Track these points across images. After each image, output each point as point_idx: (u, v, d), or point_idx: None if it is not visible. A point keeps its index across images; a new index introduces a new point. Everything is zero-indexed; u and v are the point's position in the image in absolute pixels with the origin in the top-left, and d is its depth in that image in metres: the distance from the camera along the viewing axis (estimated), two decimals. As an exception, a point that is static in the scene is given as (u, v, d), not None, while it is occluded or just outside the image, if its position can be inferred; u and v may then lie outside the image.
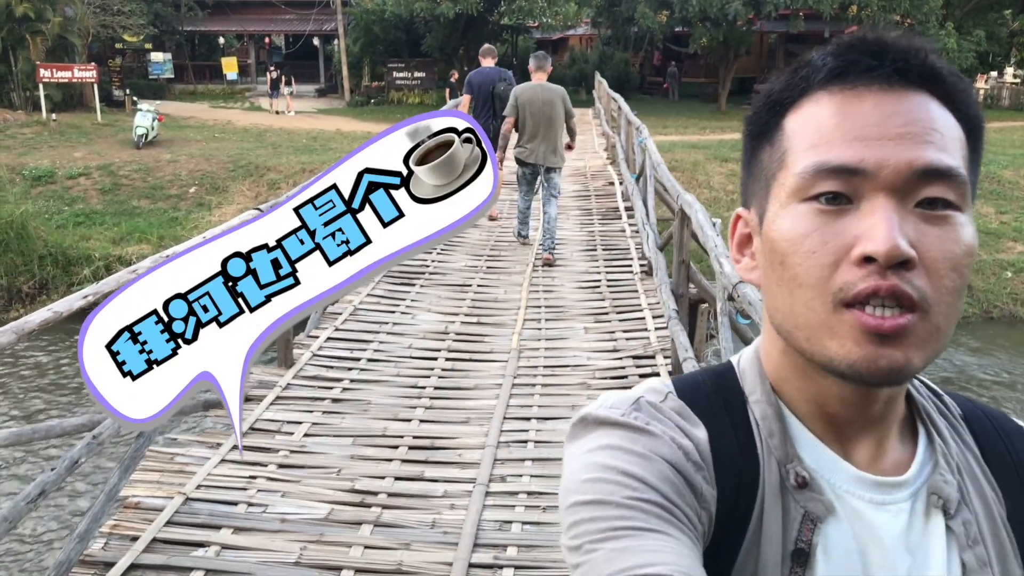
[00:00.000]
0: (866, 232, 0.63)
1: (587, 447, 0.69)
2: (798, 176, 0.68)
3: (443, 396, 4.88)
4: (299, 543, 3.34)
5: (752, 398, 0.76)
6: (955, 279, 0.65)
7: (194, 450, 4.06)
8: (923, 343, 0.64)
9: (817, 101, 0.69)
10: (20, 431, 3.10)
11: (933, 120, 0.67)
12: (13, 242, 12.35)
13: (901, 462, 0.74)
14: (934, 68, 0.68)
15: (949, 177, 0.65)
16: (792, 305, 0.68)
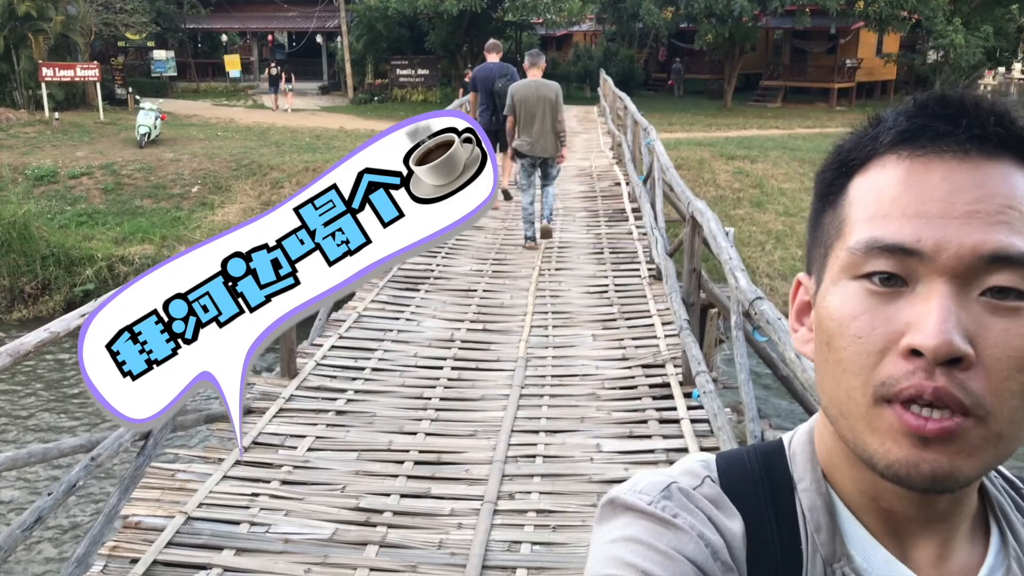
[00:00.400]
0: (916, 321, 0.56)
1: (611, 536, 0.65)
2: (850, 251, 0.61)
3: (449, 407, 4.80)
4: (303, 565, 3.26)
5: (801, 486, 0.68)
6: (1023, 380, 0.56)
7: (195, 466, 3.98)
8: (977, 450, 0.57)
9: (884, 166, 0.62)
10: (16, 455, 3.01)
11: (1012, 195, 0.58)
12: (15, 242, 12.30)
13: (969, 566, 0.66)
14: (1021, 132, 0.60)
15: (1022, 264, 0.57)
16: (836, 391, 0.62)
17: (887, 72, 29.10)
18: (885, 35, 26.85)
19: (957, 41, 23.69)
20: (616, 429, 4.45)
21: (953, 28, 23.78)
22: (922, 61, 26.61)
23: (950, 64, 25.06)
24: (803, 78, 29.16)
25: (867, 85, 29.26)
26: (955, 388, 0.55)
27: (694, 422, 4.35)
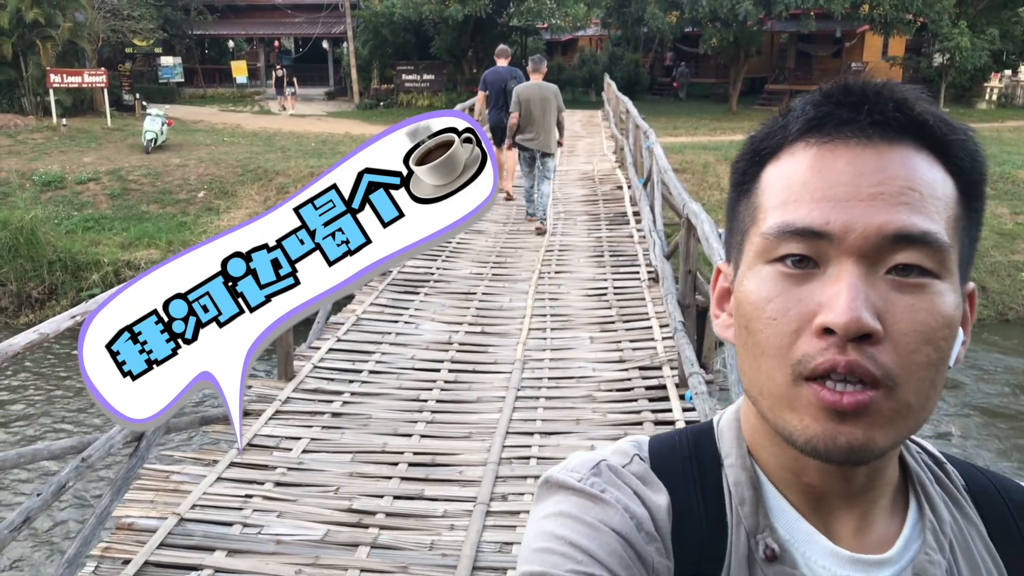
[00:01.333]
0: (828, 301, 0.59)
1: (544, 513, 0.67)
2: (764, 236, 0.63)
3: (445, 410, 4.81)
4: (294, 566, 3.27)
5: (727, 462, 0.71)
6: (929, 353, 0.59)
7: (190, 468, 4.00)
8: (888, 421, 0.59)
9: (793, 153, 0.64)
10: (5, 456, 3.03)
11: (912, 177, 0.61)
12: (23, 247, 12.38)
13: (887, 537, 0.68)
14: (920, 118, 0.62)
15: (924, 243, 0.59)
16: (756, 372, 0.64)
17: (893, 75, 29.00)
18: (890, 38, 26.76)
19: (963, 44, 23.60)
20: (611, 431, 4.45)
21: (959, 31, 23.69)
22: (928, 64, 26.50)
23: (956, 67, 24.96)
24: (808, 81, 29.09)
25: (873, 88, 29.23)
26: (866, 361, 0.58)
27: (688, 424, 4.34)
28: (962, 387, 9.68)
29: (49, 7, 20.92)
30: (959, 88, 27.20)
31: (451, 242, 8.59)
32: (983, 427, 8.73)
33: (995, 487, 0.75)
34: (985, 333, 11.51)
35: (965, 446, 8.09)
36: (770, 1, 23.45)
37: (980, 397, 9.48)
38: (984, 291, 12.69)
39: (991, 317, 12.19)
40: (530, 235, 8.86)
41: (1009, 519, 0.73)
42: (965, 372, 10.07)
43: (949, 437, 8.29)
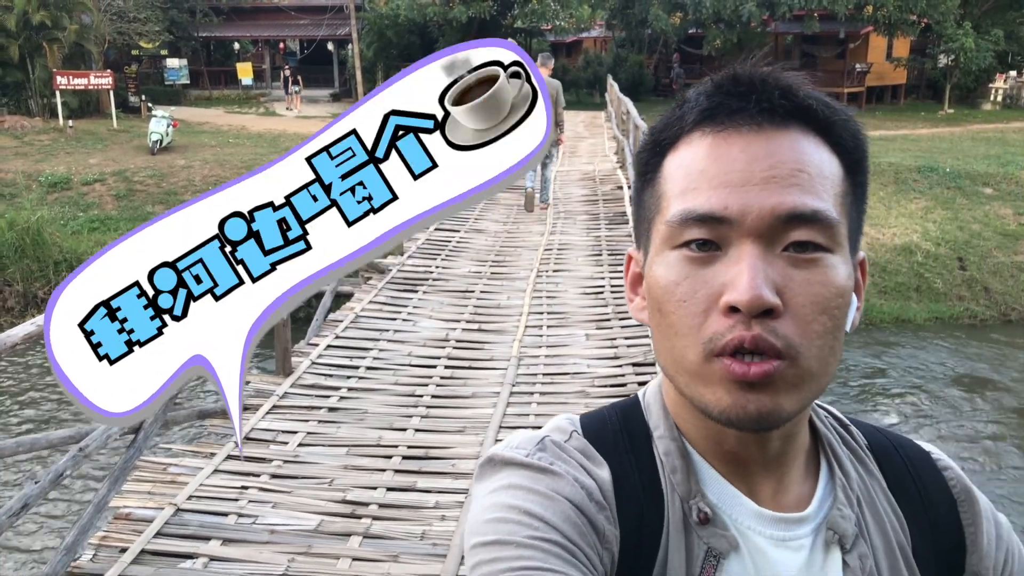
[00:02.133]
0: (731, 281, 0.63)
1: (491, 487, 0.69)
2: (668, 224, 0.67)
3: (440, 405, 4.88)
4: (287, 555, 3.35)
5: (656, 433, 0.75)
6: (825, 322, 0.64)
7: (187, 460, 4.08)
8: (793, 388, 0.64)
9: (691, 143, 0.68)
10: (4, 444, 3.11)
11: (801, 160, 0.65)
12: (29, 248, 12.46)
13: (803, 496, 0.74)
14: (804, 103, 0.66)
15: (815, 220, 0.64)
16: (671, 352, 0.68)
17: (897, 76, 28.99)
18: (895, 39, 26.74)
19: (967, 45, 23.58)
20: (603, 426, 4.50)
21: (963, 32, 23.67)
22: (933, 65, 26.48)
23: (960, 68, 24.95)
24: (813, 83, 29.00)
25: (877, 89, 29.15)
26: (769, 335, 0.62)
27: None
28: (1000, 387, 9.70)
29: (56, 9, 21.06)
30: (964, 89, 27.17)
31: (451, 240, 8.67)
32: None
33: (893, 444, 0.81)
34: (994, 335, 11.55)
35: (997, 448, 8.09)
36: (773, 2, 23.47)
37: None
38: (987, 292, 12.70)
39: (994, 318, 12.20)
40: (530, 234, 8.94)
41: (905, 472, 0.79)
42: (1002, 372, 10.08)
43: (979, 440, 8.27)
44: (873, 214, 13.90)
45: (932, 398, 9.34)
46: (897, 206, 14.33)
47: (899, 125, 23.06)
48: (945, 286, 12.60)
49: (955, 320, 12.00)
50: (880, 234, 13.44)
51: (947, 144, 19.02)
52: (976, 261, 13.05)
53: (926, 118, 24.90)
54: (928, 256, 13.02)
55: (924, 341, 11.23)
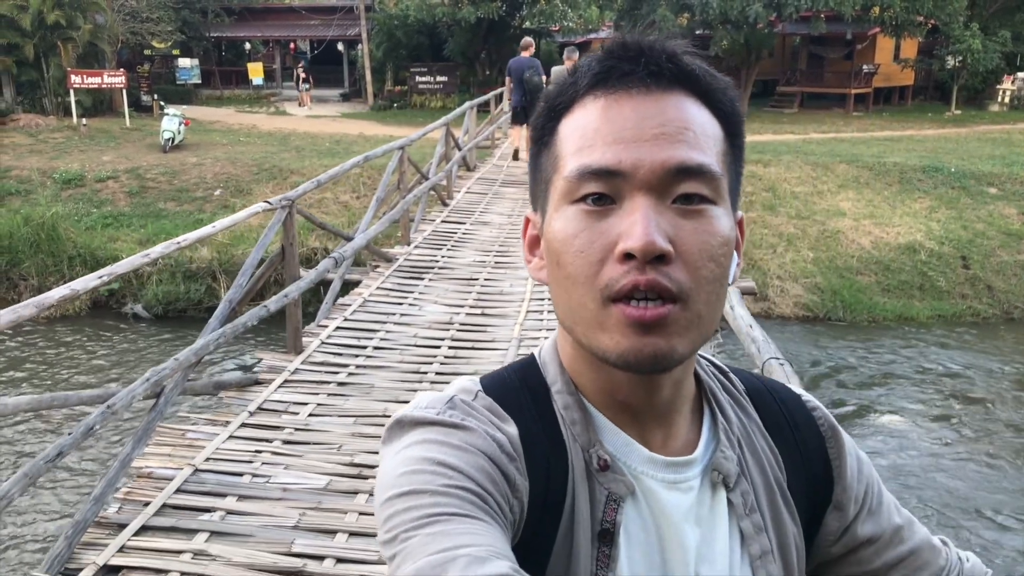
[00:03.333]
0: (626, 230, 0.67)
1: (402, 446, 0.71)
2: (566, 179, 0.71)
3: (443, 381, 5.09)
4: (299, 510, 3.57)
5: (554, 388, 0.79)
6: (713, 268, 0.69)
7: (204, 427, 4.31)
8: (685, 330, 0.69)
9: (584, 106, 0.73)
10: (40, 398, 3.35)
11: (687, 119, 0.70)
12: (44, 243, 12.65)
13: (690, 441, 0.79)
14: (687, 68, 0.72)
15: (701, 173, 0.69)
16: (569, 302, 0.72)
17: (905, 77, 29.06)
18: (902, 40, 26.83)
19: (975, 46, 23.66)
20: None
21: (971, 33, 23.75)
22: (940, 67, 26.55)
23: (968, 69, 25.02)
24: (820, 84, 29.15)
25: (884, 90, 29.23)
26: (662, 278, 0.67)
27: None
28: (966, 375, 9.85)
29: (70, 9, 21.34)
30: (971, 90, 27.23)
31: (456, 232, 8.91)
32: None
33: (767, 388, 0.88)
34: (1002, 330, 11.66)
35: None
36: (780, 3, 23.60)
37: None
38: (990, 290, 12.78)
39: (996, 316, 12.29)
40: (534, 227, 9.14)
41: (779, 413, 0.86)
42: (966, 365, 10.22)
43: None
44: (877, 213, 14.03)
45: (937, 393, 9.49)
46: (901, 205, 14.43)
47: (905, 126, 23.14)
48: (948, 284, 12.67)
49: (958, 318, 12.08)
50: (884, 233, 13.55)
51: (953, 145, 19.11)
52: (980, 260, 13.13)
53: (933, 119, 24.98)
54: (932, 255, 13.11)
55: (926, 338, 11.35)
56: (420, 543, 0.61)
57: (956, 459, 7.70)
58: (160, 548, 3.30)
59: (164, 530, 3.42)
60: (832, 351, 10.69)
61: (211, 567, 3.18)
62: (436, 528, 0.62)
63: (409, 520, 0.63)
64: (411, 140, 9.44)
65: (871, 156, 16.62)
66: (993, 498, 7.01)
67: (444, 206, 10.45)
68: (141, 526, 3.39)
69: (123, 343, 10.82)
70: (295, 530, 3.44)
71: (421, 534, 0.62)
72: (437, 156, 10.50)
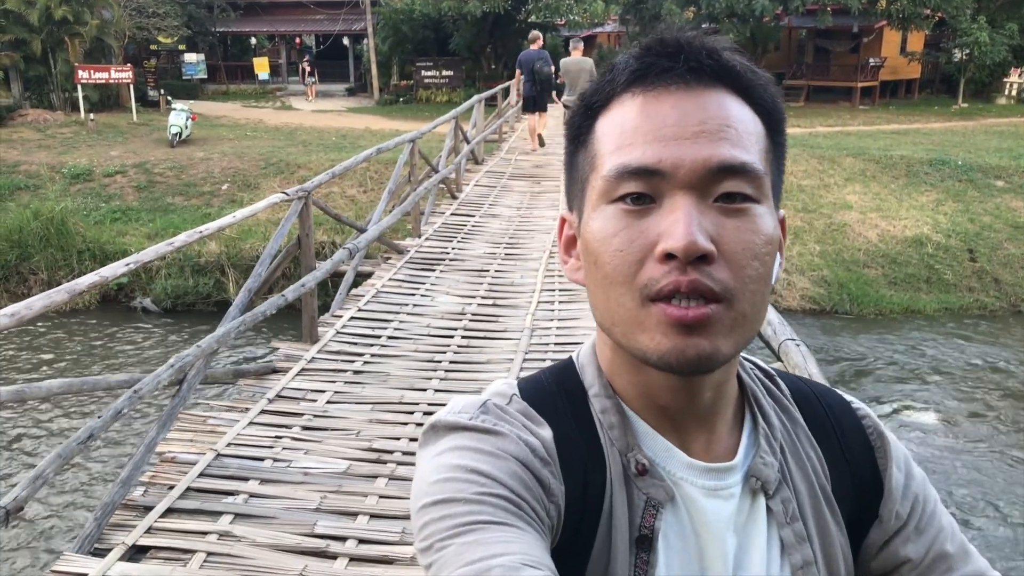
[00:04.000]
0: (667, 230, 0.66)
1: (436, 452, 0.71)
2: (604, 179, 0.70)
3: (457, 370, 5.17)
4: (320, 493, 3.65)
5: (592, 392, 0.78)
6: (757, 267, 0.68)
7: (225, 414, 4.39)
8: (729, 331, 0.67)
9: (622, 103, 0.71)
10: (71, 381, 3.43)
11: (728, 116, 0.69)
12: (53, 237, 12.72)
13: (731, 446, 0.78)
14: (728, 65, 0.70)
15: (744, 172, 0.68)
16: (607, 302, 0.71)
17: (911, 71, 29.02)
18: (909, 34, 26.78)
19: (982, 39, 23.63)
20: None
21: (978, 26, 23.71)
22: (947, 60, 26.52)
23: (975, 63, 24.98)
24: (826, 77, 29.10)
25: (891, 84, 29.19)
26: (705, 279, 0.65)
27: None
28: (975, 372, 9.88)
29: (77, 4, 21.39)
30: (978, 84, 27.16)
31: (466, 224, 8.97)
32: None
33: (814, 393, 0.86)
34: (1011, 322, 11.69)
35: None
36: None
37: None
38: (997, 283, 12.79)
39: (1003, 309, 12.31)
40: (543, 219, 9.22)
41: (825, 418, 0.84)
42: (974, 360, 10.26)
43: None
44: (884, 206, 14.05)
45: (947, 383, 9.53)
46: (908, 198, 14.44)
47: (912, 119, 23.13)
48: (955, 277, 12.69)
49: (964, 311, 12.10)
50: (891, 226, 13.57)
51: (960, 138, 19.10)
52: (986, 253, 13.13)
53: (940, 112, 24.96)
54: (938, 248, 13.12)
55: (933, 330, 11.37)
56: (455, 553, 0.62)
57: (974, 452, 7.72)
58: (186, 529, 3.37)
59: (189, 512, 3.49)
60: (840, 342, 10.73)
61: (236, 547, 3.25)
62: (470, 537, 0.62)
63: (444, 529, 0.64)
64: (422, 133, 9.50)
65: (878, 149, 16.63)
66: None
67: (453, 199, 10.52)
68: (167, 508, 3.47)
69: (133, 336, 10.91)
70: (317, 512, 3.51)
71: (456, 543, 0.62)
72: (446, 149, 10.56)
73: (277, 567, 3.13)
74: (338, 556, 3.24)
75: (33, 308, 2.85)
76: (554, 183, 11.21)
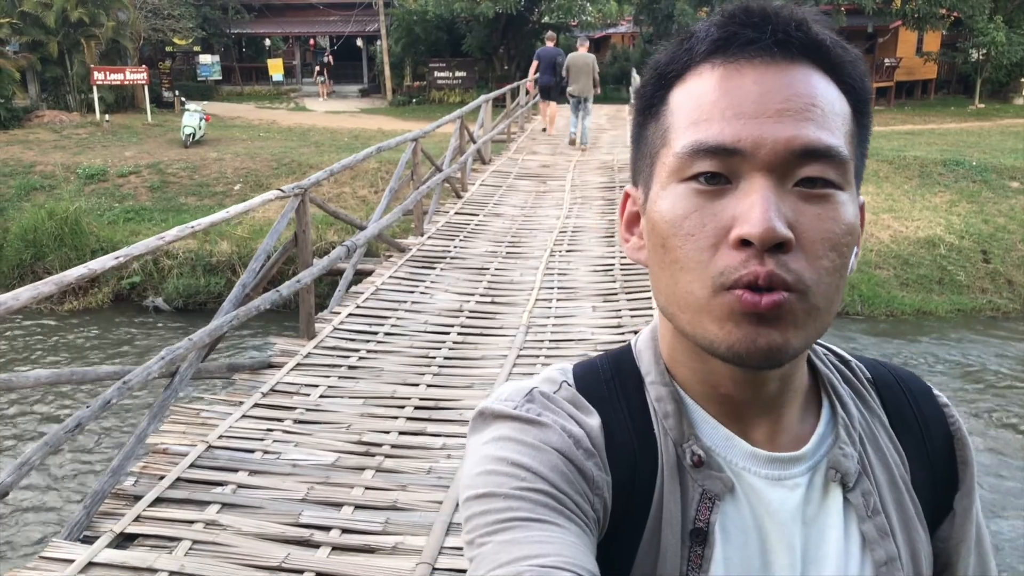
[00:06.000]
0: (743, 214, 0.62)
1: (483, 440, 0.69)
2: (677, 156, 0.65)
3: (451, 365, 5.23)
4: (307, 484, 3.71)
5: (648, 379, 0.75)
6: (834, 259, 0.64)
7: (218, 407, 4.46)
8: (802, 323, 0.63)
9: (700, 74, 0.67)
10: (59, 372, 3.50)
11: (815, 95, 0.64)
12: (67, 237, 12.86)
13: (801, 436, 0.74)
14: (817, 39, 0.66)
15: (828, 156, 0.63)
16: (674, 288, 0.66)
17: (927, 71, 28.78)
18: (925, 34, 26.59)
19: (999, 39, 23.43)
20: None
21: (995, 26, 23.51)
22: (964, 60, 26.30)
23: (992, 62, 24.77)
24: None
25: (907, 84, 28.97)
26: (781, 270, 0.61)
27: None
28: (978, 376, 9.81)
29: (93, 6, 21.63)
30: (995, 84, 26.91)
31: (470, 223, 9.02)
32: None
33: (895, 378, 0.82)
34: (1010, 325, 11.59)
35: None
36: (799, -4, 23.50)
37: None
38: (1010, 284, 12.69)
39: (1017, 311, 12.20)
40: (546, 218, 9.27)
41: (906, 405, 0.80)
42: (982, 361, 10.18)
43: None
44: (897, 207, 13.97)
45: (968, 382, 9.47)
46: (921, 199, 14.35)
47: (927, 120, 22.96)
48: (968, 279, 12.59)
49: (977, 312, 12.01)
50: (903, 227, 13.49)
51: (975, 138, 18.95)
52: (1000, 254, 13.02)
53: (955, 113, 24.76)
54: (951, 249, 13.03)
55: (945, 331, 11.30)
56: (491, 552, 0.61)
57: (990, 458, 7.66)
58: (174, 518, 3.44)
59: (178, 502, 3.56)
60: (850, 343, 10.69)
61: (221, 536, 3.31)
62: (507, 536, 0.61)
63: (484, 525, 0.63)
64: (424, 132, 9.56)
65: (891, 150, 16.54)
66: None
67: (458, 198, 10.57)
68: (156, 498, 3.54)
69: (143, 335, 11.04)
70: (303, 503, 3.57)
71: (493, 541, 0.62)
72: (451, 149, 10.62)
73: (260, 555, 3.19)
74: (321, 545, 3.30)
75: (20, 299, 2.91)
76: (559, 183, 11.26)
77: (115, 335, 10.98)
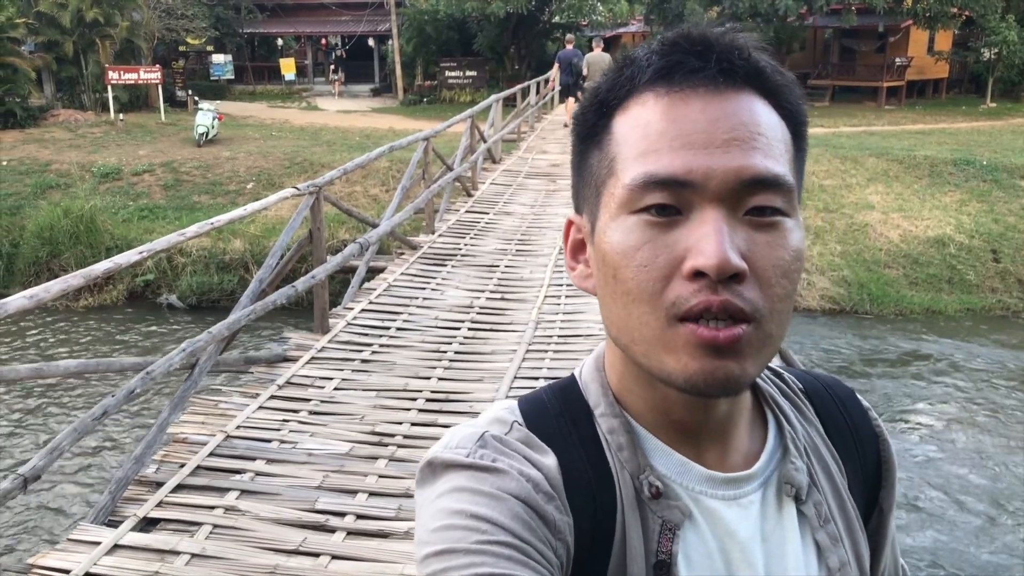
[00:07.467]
0: (696, 245, 0.62)
1: (435, 493, 0.67)
2: (627, 188, 0.65)
3: (462, 359, 5.35)
4: (322, 472, 3.83)
5: (598, 411, 0.74)
6: (785, 285, 0.64)
7: (235, 399, 4.59)
8: (757, 352, 0.64)
9: (643, 103, 0.66)
10: (86, 362, 3.65)
11: (759, 123, 0.65)
12: (83, 234, 12.99)
13: (752, 454, 0.74)
14: (759, 65, 0.66)
15: (776, 185, 0.64)
16: (627, 319, 0.66)
17: (939, 70, 28.70)
18: (936, 33, 26.52)
19: (1010, 38, 23.36)
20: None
21: (1007, 25, 23.45)
22: (975, 59, 26.22)
23: (1003, 62, 24.70)
24: (852, 77, 28.84)
25: (918, 83, 28.88)
26: (736, 299, 0.61)
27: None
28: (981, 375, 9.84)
29: (108, 7, 21.83)
30: (1007, 83, 26.81)
31: (480, 221, 9.14)
32: None
33: (823, 386, 0.84)
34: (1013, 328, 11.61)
35: None
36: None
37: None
38: (1021, 284, 12.69)
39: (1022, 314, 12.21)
40: (556, 216, 9.36)
41: (837, 412, 0.82)
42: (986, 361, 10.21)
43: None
44: (906, 206, 13.99)
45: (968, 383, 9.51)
46: (931, 199, 14.36)
47: (938, 119, 22.91)
48: (978, 278, 12.59)
49: (987, 312, 12.02)
50: (913, 226, 13.51)
51: (986, 138, 18.91)
52: (1010, 253, 13.02)
53: (966, 112, 24.70)
54: (961, 248, 13.03)
55: (954, 330, 11.32)
56: None
57: (984, 456, 7.72)
58: (195, 504, 3.57)
59: (198, 488, 3.69)
60: (858, 342, 10.73)
61: (241, 521, 3.44)
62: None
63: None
64: (436, 131, 9.68)
65: (901, 149, 16.54)
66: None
67: (469, 196, 10.69)
68: (177, 484, 3.67)
69: (156, 331, 11.20)
70: (319, 490, 3.70)
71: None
72: (462, 148, 10.73)
73: (278, 539, 3.31)
74: (336, 530, 3.42)
75: (51, 291, 3.04)
76: (568, 182, 11.27)
77: (130, 332, 11.14)
